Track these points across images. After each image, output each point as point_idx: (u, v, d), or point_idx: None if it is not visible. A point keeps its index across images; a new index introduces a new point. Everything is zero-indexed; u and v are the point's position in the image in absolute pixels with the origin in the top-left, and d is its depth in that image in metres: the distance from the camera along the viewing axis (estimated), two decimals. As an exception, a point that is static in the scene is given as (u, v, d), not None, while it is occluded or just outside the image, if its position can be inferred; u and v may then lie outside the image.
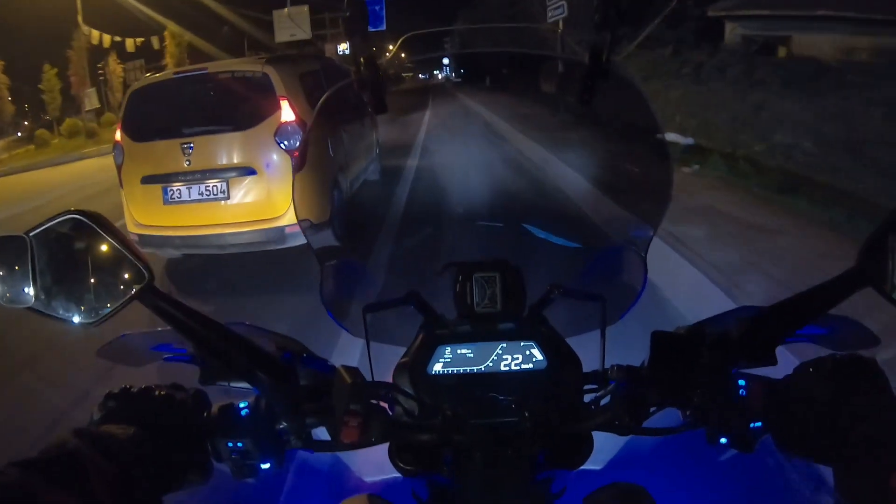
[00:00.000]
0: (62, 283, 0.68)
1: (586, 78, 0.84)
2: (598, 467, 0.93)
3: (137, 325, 0.86)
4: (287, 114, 4.57)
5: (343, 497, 0.82)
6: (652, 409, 0.73)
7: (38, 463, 0.55)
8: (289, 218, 4.43)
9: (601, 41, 0.81)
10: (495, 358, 0.82)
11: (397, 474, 0.82)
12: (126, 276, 0.67)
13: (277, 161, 4.51)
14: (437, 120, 9.86)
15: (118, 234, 0.67)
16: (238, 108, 4.68)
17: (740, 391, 0.71)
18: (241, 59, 5.70)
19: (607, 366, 0.78)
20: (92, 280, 0.68)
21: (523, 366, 0.82)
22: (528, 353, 0.82)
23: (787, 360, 0.75)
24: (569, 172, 3.46)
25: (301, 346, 0.81)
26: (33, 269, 0.65)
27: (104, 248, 0.67)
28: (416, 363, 0.82)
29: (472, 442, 0.74)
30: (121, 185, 4.96)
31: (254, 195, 4.51)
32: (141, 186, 4.74)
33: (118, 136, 4.98)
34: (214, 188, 4.53)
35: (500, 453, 0.73)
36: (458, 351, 0.82)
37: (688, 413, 0.74)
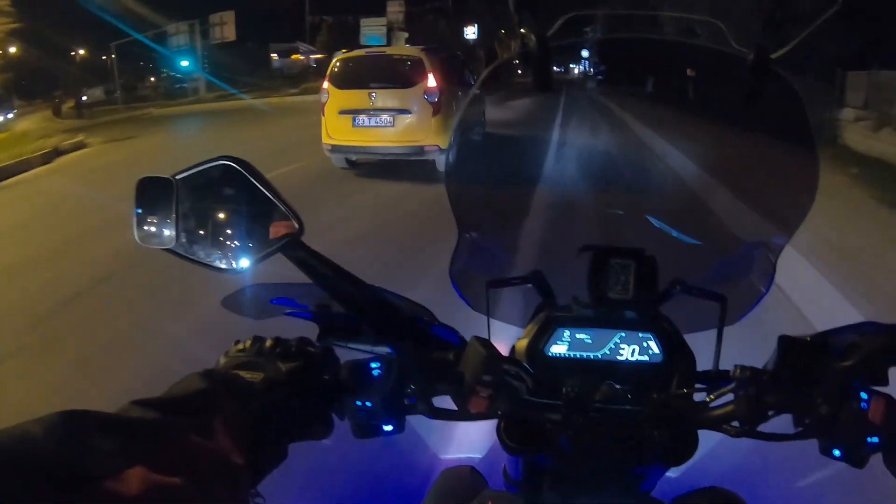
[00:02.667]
0: (206, 227, 0.68)
1: (751, 78, 0.82)
2: (685, 470, 0.89)
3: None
4: (431, 81, 7.61)
5: (420, 473, 0.90)
6: (770, 413, 0.72)
7: (166, 401, 0.53)
8: (427, 141, 7.48)
9: (767, 39, 0.78)
10: (612, 346, 0.82)
11: (472, 454, 0.90)
12: (274, 225, 0.67)
13: (424, 108, 7.55)
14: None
15: (268, 184, 0.66)
16: (403, 75, 7.76)
17: (862, 404, 0.68)
18: (406, 46, 8.77)
19: (721, 367, 0.79)
20: (237, 228, 0.68)
21: (639, 357, 0.81)
22: (645, 344, 0.81)
23: None
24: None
25: (431, 314, 0.81)
26: (176, 212, 0.65)
27: (253, 196, 0.66)
28: (535, 343, 0.82)
29: (590, 426, 0.73)
30: (322, 114, 8.13)
31: (407, 126, 7.58)
32: (338, 116, 7.88)
33: (325, 84, 8.17)
34: (385, 120, 7.62)
35: (614, 441, 0.74)
36: (577, 335, 0.82)
37: (805, 421, 0.71)
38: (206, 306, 3.44)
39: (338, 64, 8.26)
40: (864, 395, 0.69)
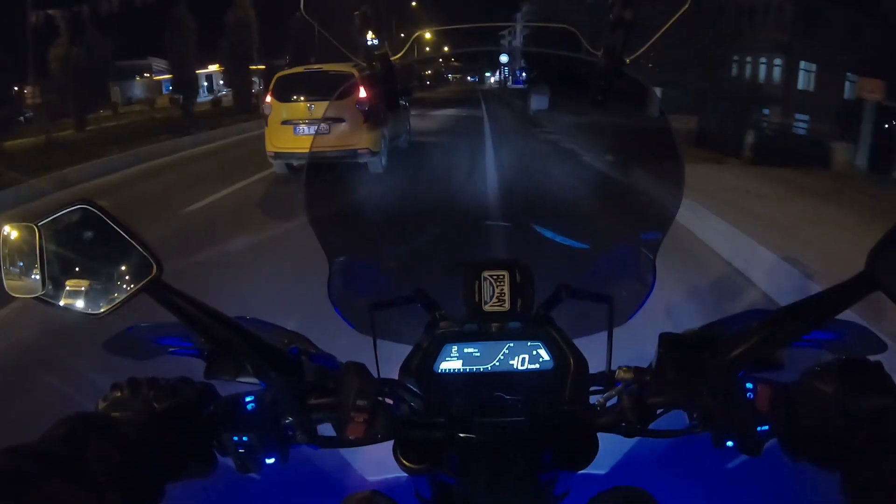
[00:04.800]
0: (70, 273, 0.68)
1: (600, 78, 0.86)
2: (601, 471, 0.93)
3: (148, 317, 0.84)
4: (362, 93, 8.73)
5: (345, 494, 0.83)
6: (659, 411, 0.74)
7: (36, 448, 0.52)
8: (359, 145, 8.57)
9: (616, 42, 0.82)
10: (502, 357, 0.82)
11: (399, 473, 0.82)
12: (135, 267, 0.67)
13: (355, 116, 8.66)
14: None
15: (127, 226, 0.66)
16: (337, 88, 8.87)
17: (748, 394, 0.70)
18: (339, 63, 9.88)
19: (614, 367, 0.79)
20: (100, 271, 0.68)
21: (530, 366, 0.82)
22: (535, 353, 0.82)
23: (794, 365, 0.74)
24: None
25: (308, 341, 0.82)
26: (41, 259, 0.65)
27: (113, 238, 0.66)
28: (423, 361, 0.82)
29: (478, 441, 0.74)
30: (265, 124, 9.13)
31: (342, 132, 8.67)
32: (280, 126, 8.90)
33: (269, 98, 9.18)
34: (323, 128, 8.68)
35: (506, 453, 0.74)
36: (465, 350, 0.82)
37: (694, 416, 0.73)
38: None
39: (279, 80, 9.31)
40: (749, 385, 0.70)
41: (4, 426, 2.60)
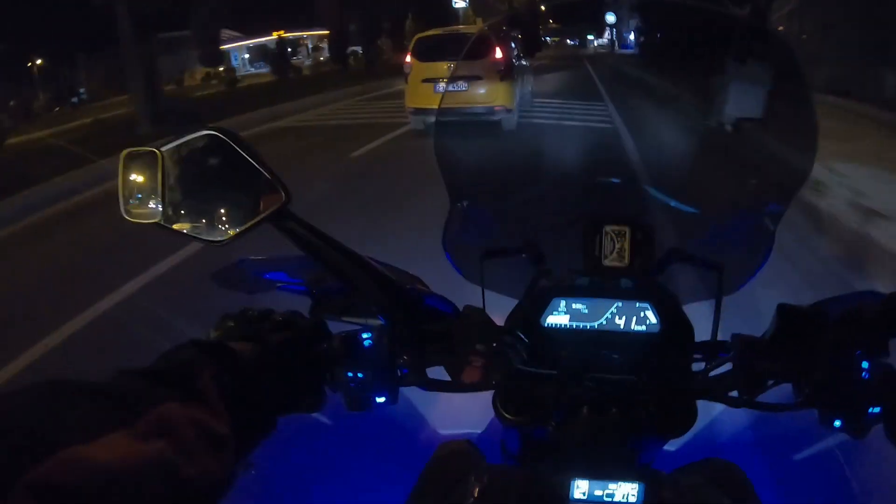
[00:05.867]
0: (192, 199, 0.68)
1: (743, 36, 0.84)
2: (686, 442, 0.90)
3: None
4: (498, 53, 9.41)
5: (424, 445, 0.84)
6: (769, 383, 0.73)
7: (151, 370, 0.52)
8: (496, 103, 9.25)
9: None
10: (609, 316, 0.81)
11: (472, 429, 0.84)
12: (261, 196, 0.66)
13: (492, 75, 9.38)
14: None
15: (255, 153, 0.66)
16: (474, 48, 9.54)
17: (863, 374, 0.68)
18: (473, 25, 10.49)
19: (720, 338, 0.79)
20: (224, 198, 0.68)
21: (636, 327, 0.80)
22: (642, 314, 0.80)
23: None
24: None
25: (425, 284, 0.83)
26: (163, 185, 0.65)
27: (240, 166, 0.65)
28: (530, 313, 0.81)
29: (583, 396, 0.73)
30: (406, 82, 9.91)
31: (480, 90, 9.42)
32: (421, 84, 9.70)
33: (408, 58, 9.96)
34: (461, 85, 9.45)
35: (607, 412, 0.73)
36: (573, 305, 0.81)
37: (805, 390, 0.71)
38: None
39: (419, 41, 10.11)
40: (864, 364, 0.68)
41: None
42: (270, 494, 1.29)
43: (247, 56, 42.06)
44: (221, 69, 31.89)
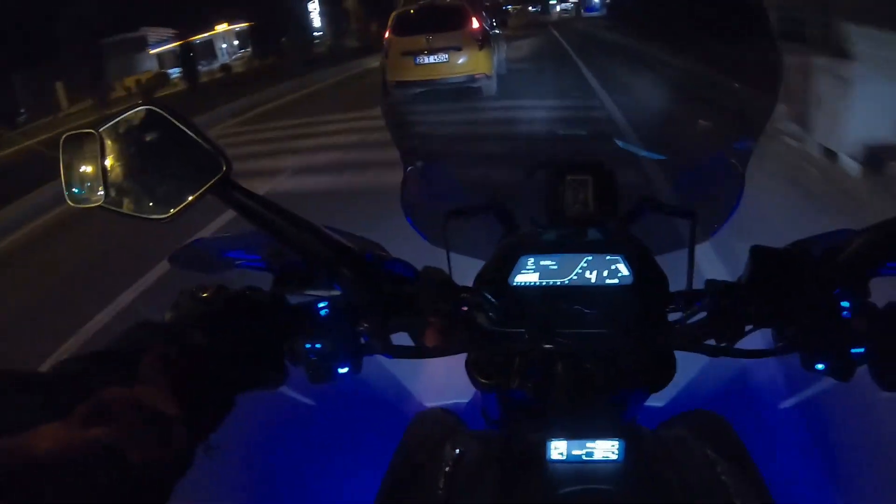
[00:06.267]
0: (134, 178, 0.66)
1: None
2: (671, 395, 0.89)
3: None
4: (475, 23, 9.70)
5: (405, 415, 0.82)
6: (748, 328, 0.71)
7: (97, 354, 0.51)
8: (477, 70, 9.59)
9: None
10: (580, 271, 0.78)
11: (457, 399, 0.82)
12: (202, 167, 0.65)
13: (471, 44, 9.65)
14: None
15: (192, 124, 0.65)
16: (451, 20, 9.86)
17: (844, 313, 0.66)
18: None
19: (694, 287, 0.76)
20: (166, 174, 0.67)
21: (608, 280, 0.77)
22: (614, 267, 0.77)
23: (884, 289, 0.71)
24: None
25: (382, 248, 0.80)
26: (104, 166, 0.64)
27: (178, 139, 0.64)
28: (498, 273, 0.77)
29: (557, 353, 0.71)
30: (385, 56, 10.21)
31: (460, 60, 9.69)
32: (401, 57, 9.97)
33: (387, 34, 10.24)
34: (441, 56, 9.74)
35: (584, 367, 0.71)
36: (542, 262, 0.77)
37: (783, 335, 0.70)
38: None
39: (397, 17, 10.35)
40: (845, 304, 0.67)
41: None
42: (248, 472, 1.22)
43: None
44: (142, 76, 26.41)
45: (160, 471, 0.45)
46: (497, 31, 11.17)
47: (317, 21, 38.84)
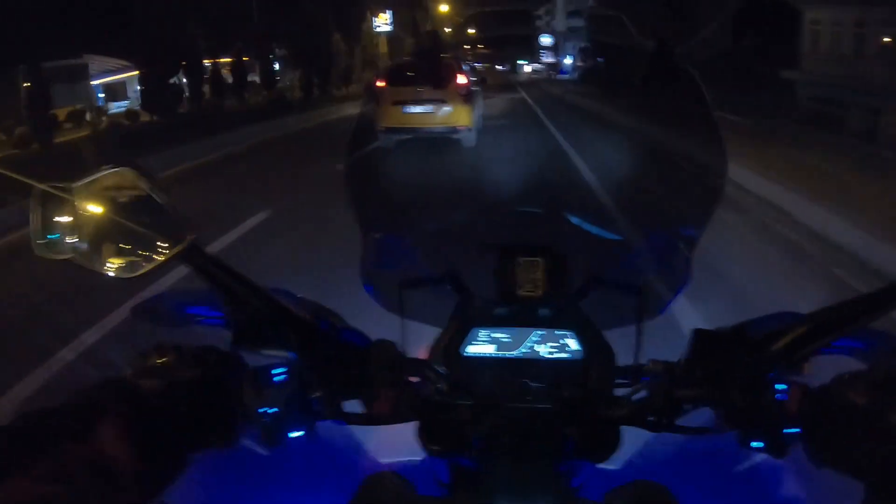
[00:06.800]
0: (104, 236, 0.69)
1: (651, 65, 1.71)
2: (617, 466, 0.92)
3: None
4: (461, 80, 10.61)
5: (358, 476, 0.83)
6: (686, 407, 0.73)
7: (53, 411, 0.52)
8: (459, 123, 10.48)
9: (667, 31, 1.95)
10: (530, 344, 0.82)
11: (411, 457, 0.83)
12: (170, 232, 0.68)
13: (456, 99, 10.54)
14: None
15: (163, 190, 0.67)
16: (440, 75, 10.77)
17: (777, 395, 0.69)
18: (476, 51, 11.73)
19: (642, 361, 0.79)
20: (135, 235, 0.69)
21: (558, 354, 0.81)
22: (563, 341, 0.81)
23: (821, 371, 0.73)
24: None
25: (338, 317, 0.81)
26: (76, 222, 0.67)
27: (149, 202, 0.67)
28: (451, 343, 0.82)
29: (502, 425, 0.74)
30: (377, 104, 11.04)
31: (445, 112, 10.57)
32: (392, 106, 10.82)
33: (380, 83, 11.10)
34: (429, 108, 10.61)
35: (529, 439, 0.74)
36: (493, 334, 0.82)
37: (722, 413, 0.73)
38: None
39: (392, 69, 11.29)
40: (780, 386, 0.70)
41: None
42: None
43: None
44: (78, 107, 21.49)
45: None
46: (476, 89, 12.14)
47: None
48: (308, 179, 8.67)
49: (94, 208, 0.68)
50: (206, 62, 24.37)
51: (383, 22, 41.46)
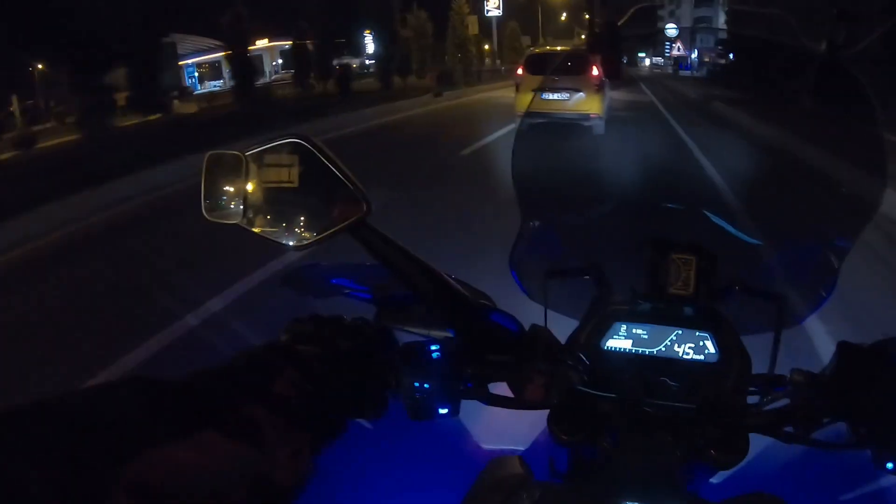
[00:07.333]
0: (273, 204, 0.71)
1: (819, 71, 0.86)
2: (735, 473, 0.88)
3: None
4: (595, 71, 11.48)
5: (479, 458, 0.85)
6: (825, 420, 0.72)
7: (231, 370, 0.55)
8: (591, 111, 11.30)
9: (838, 34, 1.64)
10: (668, 343, 0.82)
11: (514, 446, 0.84)
12: (342, 204, 0.69)
13: (590, 88, 11.18)
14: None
15: (337, 163, 0.68)
16: (576, 65, 11.71)
17: None
18: (576, 45, 12.72)
19: (776, 371, 0.79)
20: (305, 205, 0.70)
21: (695, 356, 0.81)
22: (701, 343, 0.81)
23: None
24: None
25: (491, 300, 0.83)
26: (245, 188, 0.68)
27: (323, 175, 0.68)
28: (591, 335, 0.83)
29: (639, 420, 0.75)
30: (517, 90, 12.27)
31: (579, 100, 11.17)
32: (530, 92, 11.94)
33: (520, 71, 12.32)
34: (564, 95, 11.43)
35: (663, 438, 0.74)
36: (634, 330, 0.83)
37: (858, 431, 0.70)
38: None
39: (530, 57, 12.49)
40: None
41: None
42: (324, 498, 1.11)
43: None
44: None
45: (286, 488, 0.49)
46: (606, 80, 13.08)
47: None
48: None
49: (265, 176, 0.69)
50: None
51: (494, 7, 41.60)
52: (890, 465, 0.68)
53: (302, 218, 0.72)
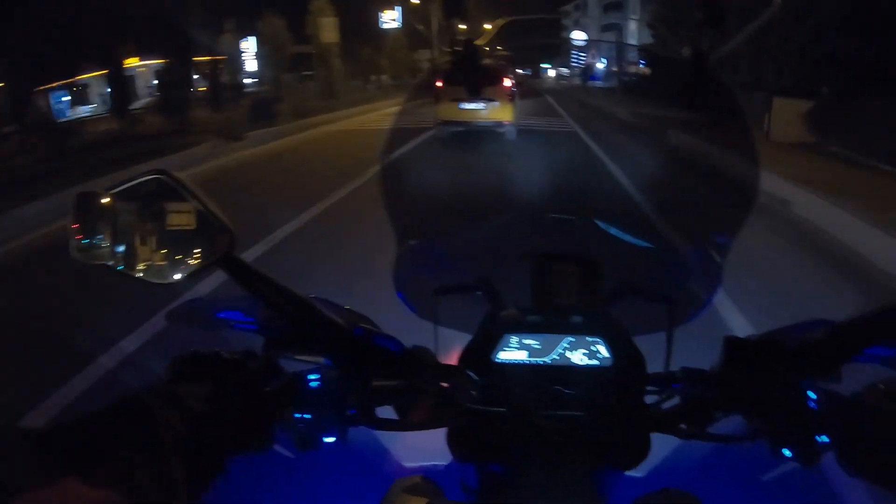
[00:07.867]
0: (141, 242, 0.70)
1: (686, 75, 0.91)
2: (645, 473, 0.92)
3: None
4: (508, 82, 12.48)
5: (387, 480, 0.84)
6: (718, 415, 0.75)
7: (102, 415, 0.54)
8: (505, 119, 12.21)
9: (702, 39, 1.83)
10: (561, 351, 0.82)
11: (435, 462, 0.84)
12: (208, 239, 0.69)
13: (504, 98, 12.34)
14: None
15: (201, 197, 0.68)
16: (491, 75, 12.60)
17: (809, 403, 0.70)
18: (492, 59, 13.63)
19: (671, 369, 0.80)
20: (172, 241, 0.70)
21: (589, 361, 0.81)
22: (594, 348, 0.81)
23: (852, 379, 0.73)
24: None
25: (372, 323, 0.82)
26: (113, 227, 0.68)
27: (188, 209, 0.68)
28: (483, 350, 0.82)
29: (536, 432, 0.75)
30: (436, 101, 12.91)
31: (494, 109, 12.34)
32: (449, 102, 12.62)
33: (439, 83, 12.94)
34: (480, 105, 12.44)
35: (562, 447, 0.75)
36: (525, 341, 0.82)
37: (754, 421, 0.73)
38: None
39: (446, 72, 13.20)
40: (811, 395, 0.70)
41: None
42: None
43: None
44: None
45: None
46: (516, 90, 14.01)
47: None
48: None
49: (130, 214, 0.69)
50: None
51: (390, 18, 40.13)
52: (786, 453, 0.70)
53: (170, 254, 0.71)
